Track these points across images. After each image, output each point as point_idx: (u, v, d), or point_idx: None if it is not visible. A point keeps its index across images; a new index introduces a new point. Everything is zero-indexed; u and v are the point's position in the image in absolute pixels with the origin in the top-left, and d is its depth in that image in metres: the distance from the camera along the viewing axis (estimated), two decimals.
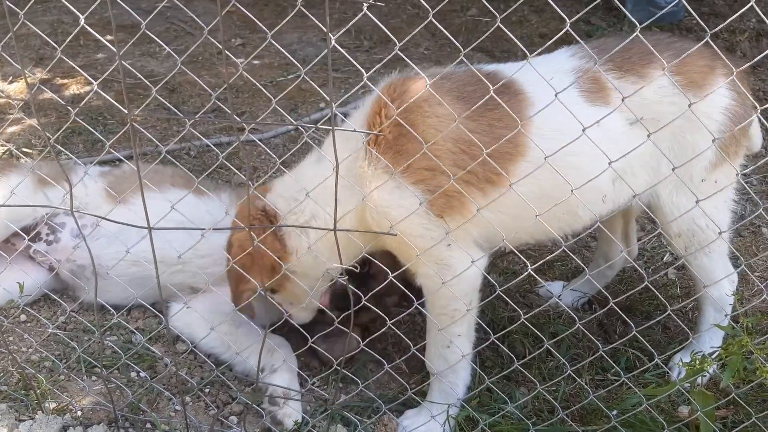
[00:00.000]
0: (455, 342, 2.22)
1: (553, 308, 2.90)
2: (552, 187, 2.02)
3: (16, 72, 4.71)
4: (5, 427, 2.20)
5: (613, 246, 2.81)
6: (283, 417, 2.28)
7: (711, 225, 2.27)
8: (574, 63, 2.17)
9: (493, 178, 2.04)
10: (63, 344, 2.62)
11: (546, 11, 6.31)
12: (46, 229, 2.76)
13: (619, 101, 2.04)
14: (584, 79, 2.12)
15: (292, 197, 2.18)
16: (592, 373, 2.58)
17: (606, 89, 2.13)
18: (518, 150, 2.04)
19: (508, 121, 1.98)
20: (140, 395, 2.37)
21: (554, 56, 2.25)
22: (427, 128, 1.99)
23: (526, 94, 2.08)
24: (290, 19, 1.88)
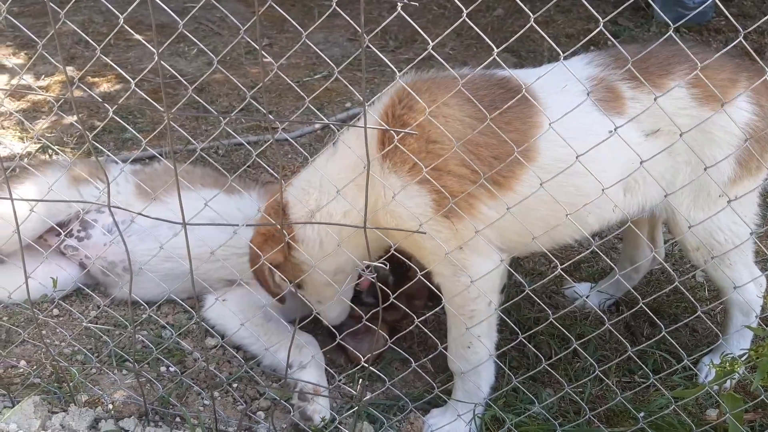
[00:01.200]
0: (475, 343, 2.23)
1: (580, 310, 2.89)
2: (561, 193, 2.01)
3: (48, 70, 4.80)
4: (38, 419, 2.24)
5: (639, 249, 2.79)
6: (312, 413, 2.30)
7: (730, 239, 2.25)
8: (589, 71, 2.15)
9: (500, 180, 2.03)
10: (95, 338, 2.67)
11: (572, 11, 6.28)
12: (78, 225, 2.81)
13: (634, 112, 2.06)
14: (599, 88, 2.10)
15: (301, 189, 2.23)
16: (619, 375, 2.57)
17: (621, 99, 2.10)
18: (528, 155, 2.02)
19: (517, 125, 1.99)
20: (170, 389, 2.41)
21: (570, 63, 2.22)
22: (433, 128, 1.99)
23: (539, 100, 2.06)
24: (317, 19, 1.90)
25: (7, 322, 2.70)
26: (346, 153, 2.11)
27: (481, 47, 5.66)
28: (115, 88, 4.71)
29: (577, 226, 2.06)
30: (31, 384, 2.41)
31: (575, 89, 2.00)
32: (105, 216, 2.79)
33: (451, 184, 2.00)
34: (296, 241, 2.22)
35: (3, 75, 4.88)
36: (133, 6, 1.76)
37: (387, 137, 2.01)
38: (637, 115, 2.03)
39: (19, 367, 2.54)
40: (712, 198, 2.20)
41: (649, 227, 2.75)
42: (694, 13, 5.64)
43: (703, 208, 2.21)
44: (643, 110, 2.00)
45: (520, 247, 2.22)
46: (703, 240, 2.27)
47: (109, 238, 2.72)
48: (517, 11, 6.23)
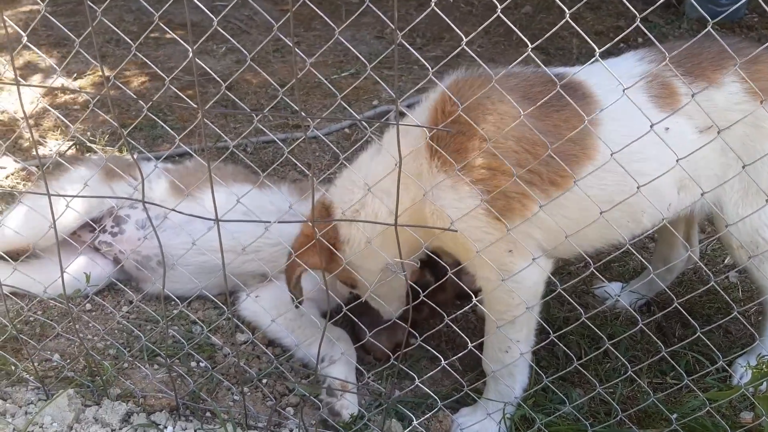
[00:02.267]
0: (513, 347, 2.20)
1: (610, 309, 2.86)
2: (617, 192, 1.97)
3: (80, 69, 4.87)
4: (72, 411, 2.28)
5: (673, 249, 2.75)
6: (341, 408, 2.31)
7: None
8: (642, 68, 2.11)
9: (557, 180, 1.99)
10: (127, 333, 2.70)
11: (602, 8, 6.22)
12: (111, 221, 2.85)
13: (689, 108, 1.99)
14: (654, 84, 2.07)
15: (345, 188, 2.21)
16: (651, 376, 2.54)
17: (676, 95, 2.07)
18: (585, 152, 1.99)
19: (575, 122, 1.94)
20: (201, 384, 2.43)
21: (621, 60, 2.20)
22: (488, 126, 1.95)
23: (595, 97, 2.03)
24: (344, 17, 1.90)
25: (41, 316, 2.74)
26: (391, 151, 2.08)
27: (509, 44, 5.62)
28: (146, 86, 4.77)
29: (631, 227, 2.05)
30: (64, 377, 2.45)
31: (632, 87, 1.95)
32: (138, 212, 2.83)
33: (505, 184, 1.94)
34: (341, 242, 2.21)
35: (36, 74, 4.96)
36: (167, 5, 1.77)
37: (437, 135, 1.97)
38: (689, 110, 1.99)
39: (53, 361, 2.58)
40: (762, 194, 2.15)
41: (685, 226, 2.71)
42: (731, 11, 5.58)
43: (751, 205, 2.17)
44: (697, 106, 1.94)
45: (570, 248, 2.16)
46: (747, 237, 2.23)
47: (142, 233, 2.76)
48: (545, 8, 6.18)
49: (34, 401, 2.35)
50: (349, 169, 2.27)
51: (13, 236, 2.47)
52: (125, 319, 2.74)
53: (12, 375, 2.44)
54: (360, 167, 2.18)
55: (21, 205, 2.68)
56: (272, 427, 2.31)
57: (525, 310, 2.12)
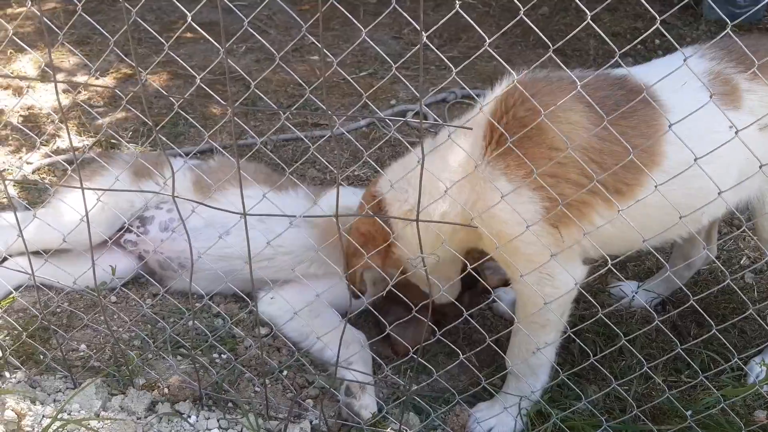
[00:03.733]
0: (541, 350, 2.21)
1: (625, 308, 2.89)
2: (684, 196, 1.97)
3: (104, 67, 4.95)
4: (99, 399, 2.34)
5: (694, 246, 2.76)
6: (360, 409, 2.33)
7: None
8: (704, 65, 2.08)
9: (622, 189, 1.97)
10: (151, 325, 2.77)
11: (619, 10, 6.23)
12: (137, 222, 2.92)
13: (751, 104, 2.01)
14: (716, 82, 2.04)
15: (397, 185, 2.17)
16: (666, 373, 2.57)
17: (738, 91, 2.04)
18: (653, 159, 1.97)
19: (643, 129, 1.93)
20: (223, 376, 2.49)
21: (679, 58, 2.19)
22: (556, 135, 1.91)
23: (661, 101, 2.00)
24: (363, 17, 1.95)
25: (68, 307, 2.81)
26: (449, 151, 2.06)
27: (526, 45, 5.65)
28: (167, 85, 4.85)
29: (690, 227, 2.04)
30: (91, 367, 2.52)
31: (695, 85, 1.94)
32: (162, 213, 2.89)
33: (569, 193, 1.93)
34: (396, 239, 2.21)
35: (60, 73, 5.05)
36: (199, 6, 1.83)
37: (498, 138, 1.96)
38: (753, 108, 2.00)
39: (80, 351, 2.65)
40: None
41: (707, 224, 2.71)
42: (750, 13, 5.57)
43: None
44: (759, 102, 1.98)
45: (622, 250, 2.17)
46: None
47: (165, 235, 2.82)
48: (562, 9, 6.20)
49: (62, 389, 2.42)
50: (399, 165, 2.29)
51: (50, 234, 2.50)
52: (151, 311, 2.80)
53: (41, 364, 2.51)
54: (410, 166, 2.12)
55: (54, 203, 2.74)
56: (292, 418, 2.36)
57: (558, 314, 2.13)
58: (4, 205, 3.23)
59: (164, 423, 2.30)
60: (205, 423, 2.31)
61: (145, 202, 2.89)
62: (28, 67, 5.06)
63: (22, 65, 5.05)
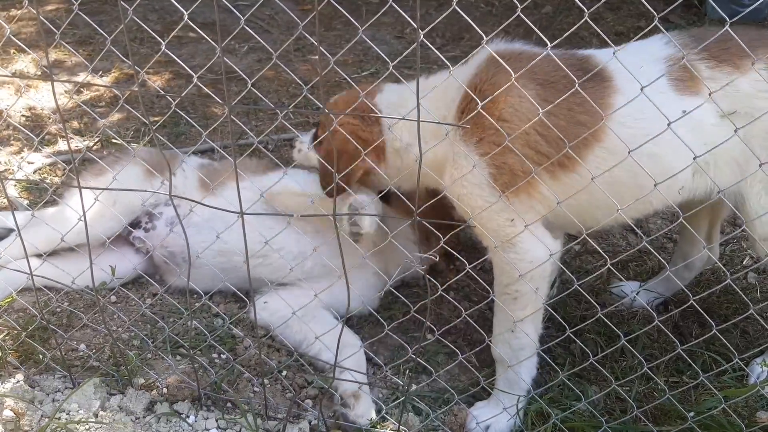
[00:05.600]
0: (519, 327, 2.23)
1: (627, 308, 2.88)
2: (626, 174, 2.01)
3: (105, 67, 4.96)
4: (98, 399, 2.34)
5: (694, 246, 2.74)
6: (356, 418, 2.30)
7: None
8: (668, 51, 2.12)
9: (565, 162, 2.05)
10: (150, 324, 2.77)
11: (622, 9, 6.21)
12: (146, 218, 2.92)
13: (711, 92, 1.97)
14: (676, 67, 2.07)
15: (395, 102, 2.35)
16: (667, 374, 2.56)
17: (697, 79, 2.05)
18: (594, 135, 2.03)
19: (588, 106, 1.97)
20: (222, 376, 2.48)
21: (649, 43, 2.20)
22: (506, 107, 2.03)
23: (613, 81, 2.06)
24: (364, 16, 1.94)
25: (68, 307, 2.80)
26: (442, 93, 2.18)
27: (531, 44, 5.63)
28: (169, 84, 4.85)
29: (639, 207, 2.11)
30: (90, 367, 2.51)
31: (652, 69, 1.99)
32: (170, 209, 2.89)
33: (512, 163, 2.03)
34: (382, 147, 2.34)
35: (62, 72, 5.05)
36: (194, 6, 1.82)
37: (468, 107, 2.08)
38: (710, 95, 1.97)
39: (79, 351, 2.65)
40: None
41: (709, 224, 2.70)
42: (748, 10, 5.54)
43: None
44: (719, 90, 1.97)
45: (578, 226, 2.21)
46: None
47: (170, 229, 2.83)
48: (566, 8, 6.18)
49: (61, 389, 2.42)
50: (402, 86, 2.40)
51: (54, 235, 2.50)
52: (150, 311, 2.79)
53: (40, 363, 2.51)
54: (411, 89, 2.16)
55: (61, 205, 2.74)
56: (291, 418, 2.35)
57: (529, 287, 2.16)
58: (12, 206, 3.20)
59: (163, 423, 2.30)
60: (203, 423, 2.31)
61: (156, 199, 2.86)
62: (30, 68, 5.07)
63: (25, 65, 5.06)
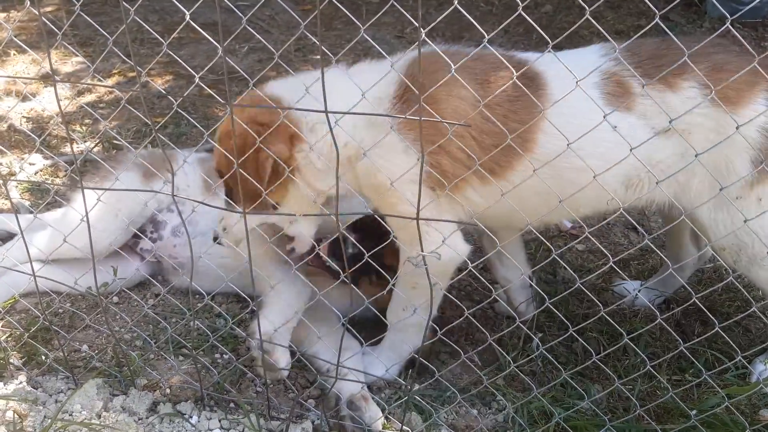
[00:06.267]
0: (411, 309, 2.33)
1: (629, 307, 2.88)
2: (555, 184, 2.00)
3: (106, 68, 4.97)
4: (101, 400, 2.34)
5: (683, 248, 2.76)
6: (371, 420, 2.27)
7: (759, 239, 2.19)
8: (603, 63, 2.07)
9: (495, 169, 2.05)
10: (153, 325, 2.77)
11: (622, 7, 6.21)
12: (151, 226, 2.91)
13: (643, 109, 2.04)
14: (610, 81, 2.06)
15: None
16: (669, 373, 2.56)
17: (630, 94, 2.06)
18: (526, 146, 2.02)
19: (523, 115, 1.97)
20: (225, 376, 2.48)
21: (585, 52, 2.18)
22: (446, 108, 2.01)
23: (548, 89, 2.04)
24: (365, 16, 1.94)
25: (70, 308, 2.80)
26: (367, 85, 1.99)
27: (529, 44, 5.63)
28: (170, 85, 4.85)
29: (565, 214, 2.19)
30: (92, 367, 2.52)
31: (587, 82, 1.93)
32: (174, 216, 2.88)
33: (445, 164, 2.02)
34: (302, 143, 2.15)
35: (62, 75, 5.06)
36: (195, 6, 1.83)
37: (405, 97, 2.04)
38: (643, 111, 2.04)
39: (82, 351, 2.65)
40: (732, 198, 2.15)
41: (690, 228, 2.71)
42: (747, 8, 5.54)
43: (724, 208, 2.17)
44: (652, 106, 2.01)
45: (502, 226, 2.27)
46: (728, 240, 2.23)
47: (177, 240, 2.82)
48: (566, 7, 6.18)
49: (63, 390, 2.42)
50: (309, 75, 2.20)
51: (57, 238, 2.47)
52: (152, 311, 2.80)
53: (42, 364, 2.51)
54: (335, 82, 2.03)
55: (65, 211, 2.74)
56: (294, 418, 2.35)
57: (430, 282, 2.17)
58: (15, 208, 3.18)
59: (166, 423, 2.30)
60: (206, 423, 2.31)
61: (157, 203, 2.85)
62: (31, 69, 5.08)
63: (25, 67, 5.07)
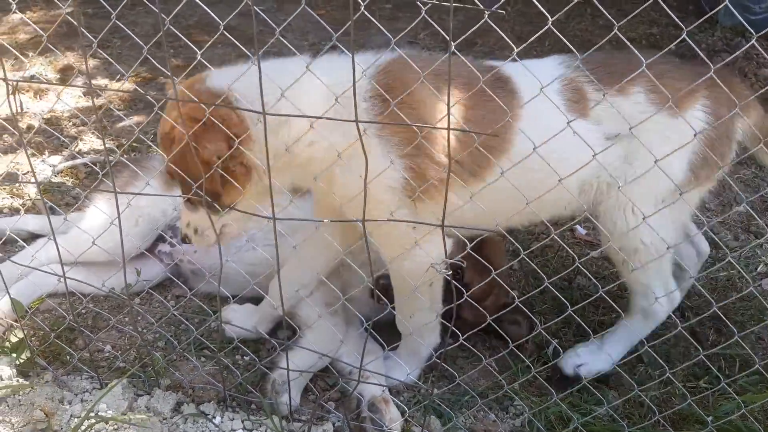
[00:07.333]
0: (417, 314, 2.39)
1: None
2: (525, 186, 2.06)
3: (125, 70, 5.00)
4: (126, 400, 2.37)
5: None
6: (392, 423, 2.30)
7: (655, 243, 2.27)
8: (561, 72, 2.17)
9: (477, 170, 2.10)
10: (174, 326, 2.81)
11: (635, 16, 6.22)
12: (170, 232, 2.94)
13: (596, 114, 2.14)
14: (568, 89, 2.16)
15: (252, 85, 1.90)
16: (683, 380, 2.59)
17: (585, 100, 2.16)
18: (503, 146, 2.09)
19: (498, 115, 1.99)
20: (247, 377, 2.51)
21: (544, 62, 2.28)
22: (426, 111, 2.04)
23: (519, 93, 2.12)
24: (380, 22, 1.98)
25: (95, 308, 2.83)
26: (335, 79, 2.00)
27: (542, 50, 5.67)
28: None
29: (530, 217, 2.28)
30: (117, 368, 2.56)
31: (550, 88, 1.98)
32: None
33: (425, 167, 2.04)
34: (251, 140, 2.05)
35: (78, 78, 5.11)
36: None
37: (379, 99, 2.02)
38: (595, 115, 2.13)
39: (105, 352, 2.69)
40: (656, 201, 2.23)
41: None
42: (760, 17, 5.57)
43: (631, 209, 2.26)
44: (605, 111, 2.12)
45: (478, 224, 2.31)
46: (627, 242, 2.31)
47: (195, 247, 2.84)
48: (578, 15, 6.22)
49: (89, 389, 2.46)
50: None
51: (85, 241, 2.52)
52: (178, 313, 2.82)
53: (67, 364, 2.55)
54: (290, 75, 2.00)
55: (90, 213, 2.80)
56: (315, 420, 2.39)
57: (426, 288, 2.25)
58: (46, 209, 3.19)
59: (190, 423, 2.33)
60: (230, 424, 2.34)
61: (177, 211, 2.88)
62: (48, 71, 5.13)
63: (42, 68, 5.12)
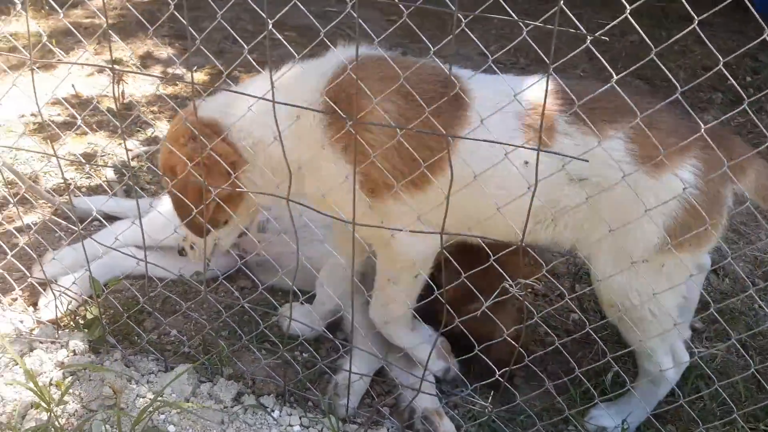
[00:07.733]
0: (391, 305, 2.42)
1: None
2: (465, 207, 2.05)
3: (200, 63, 5.14)
4: (190, 385, 2.44)
5: None
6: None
7: (647, 304, 2.16)
8: (531, 94, 2.02)
9: (417, 182, 2.07)
10: (237, 317, 2.87)
11: (712, 43, 6.11)
12: None
13: (560, 147, 1.97)
14: (533, 114, 2.02)
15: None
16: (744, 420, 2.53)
17: (551, 131, 2.01)
18: (440, 164, 2.01)
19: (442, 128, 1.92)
20: (308, 375, 2.56)
21: (524, 81, 2.10)
22: (371, 118, 2.01)
23: (470, 110, 2.03)
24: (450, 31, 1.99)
25: (166, 292, 2.88)
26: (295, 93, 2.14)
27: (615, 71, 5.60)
28: None
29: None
30: (182, 353, 2.63)
31: (509, 109, 1.92)
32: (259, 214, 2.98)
33: (372, 172, 2.05)
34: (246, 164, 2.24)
35: (157, 65, 5.27)
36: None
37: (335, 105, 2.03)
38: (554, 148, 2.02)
39: (171, 336, 2.77)
40: (632, 260, 2.09)
41: None
42: None
43: (618, 266, 2.12)
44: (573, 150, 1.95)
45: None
46: (616, 298, 2.20)
47: (261, 236, 2.91)
48: (653, 38, 6.11)
49: (155, 371, 2.54)
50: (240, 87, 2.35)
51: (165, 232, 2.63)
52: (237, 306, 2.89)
53: (135, 345, 2.64)
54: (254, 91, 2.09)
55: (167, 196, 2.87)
56: (371, 424, 2.42)
57: (409, 277, 2.29)
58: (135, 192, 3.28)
59: (249, 414, 2.38)
60: (287, 419, 2.39)
61: None
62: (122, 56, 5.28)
63: (123, 53, 5.27)
